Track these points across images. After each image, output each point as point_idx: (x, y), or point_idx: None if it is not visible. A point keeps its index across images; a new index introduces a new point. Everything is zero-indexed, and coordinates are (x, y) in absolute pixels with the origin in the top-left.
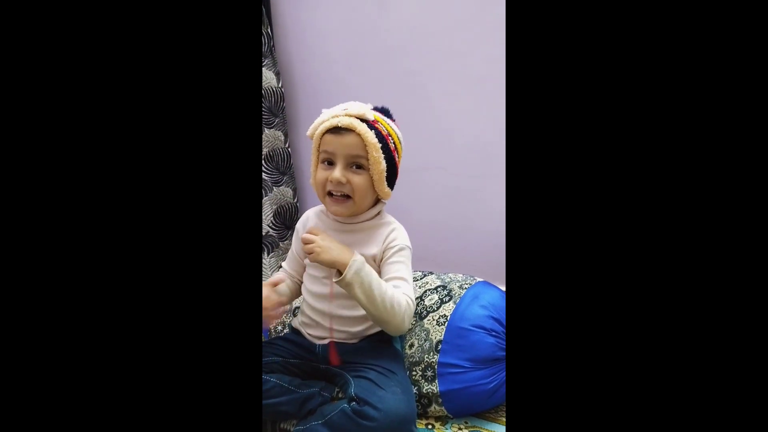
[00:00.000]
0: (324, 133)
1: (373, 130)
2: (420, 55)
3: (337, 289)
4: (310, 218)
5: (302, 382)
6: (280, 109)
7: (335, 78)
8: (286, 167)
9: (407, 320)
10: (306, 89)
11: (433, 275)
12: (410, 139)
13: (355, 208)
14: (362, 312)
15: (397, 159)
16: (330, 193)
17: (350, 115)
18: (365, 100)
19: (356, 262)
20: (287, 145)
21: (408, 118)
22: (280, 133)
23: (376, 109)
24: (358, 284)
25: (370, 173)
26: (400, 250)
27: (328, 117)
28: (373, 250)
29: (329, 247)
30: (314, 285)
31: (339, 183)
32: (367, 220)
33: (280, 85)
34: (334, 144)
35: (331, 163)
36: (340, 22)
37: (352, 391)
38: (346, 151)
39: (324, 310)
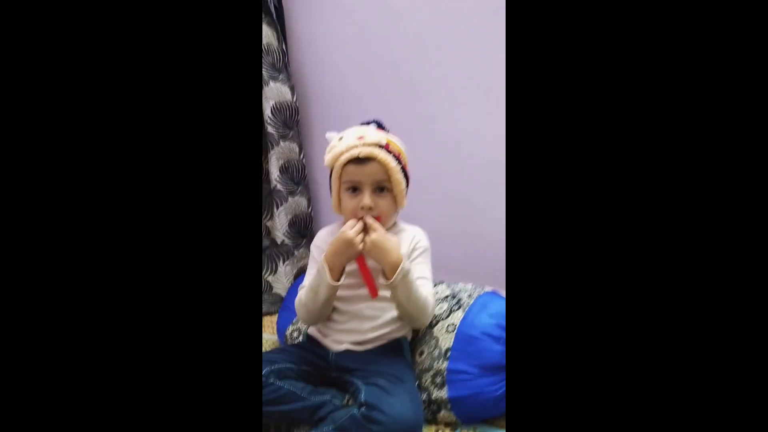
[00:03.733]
0: (345, 164)
1: (390, 155)
2: (429, 65)
3: (363, 290)
4: (326, 239)
5: (314, 389)
6: (294, 122)
7: (347, 89)
8: (300, 178)
9: (431, 316)
10: (319, 101)
11: (444, 284)
12: (420, 147)
13: (384, 226)
14: (385, 315)
15: (408, 172)
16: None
17: (368, 144)
18: (376, 111)
19: (404, 268)
20: (302, 157)
21: (417, 127)
22: (294, 145)
23: (368, 124)
24: (401, 288)
25: (393, 193)
26: (424, 251)
27: (344, 147)
28: (402, 250)
29: (386, 247)
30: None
31: (370, 208)
32: (389, 229)
33: (294, 100)
34: (359, 174)
35: (355, 190)
36: (351, 35)
37: (362, 397)
38: (371, 178)
39: (348, 310)
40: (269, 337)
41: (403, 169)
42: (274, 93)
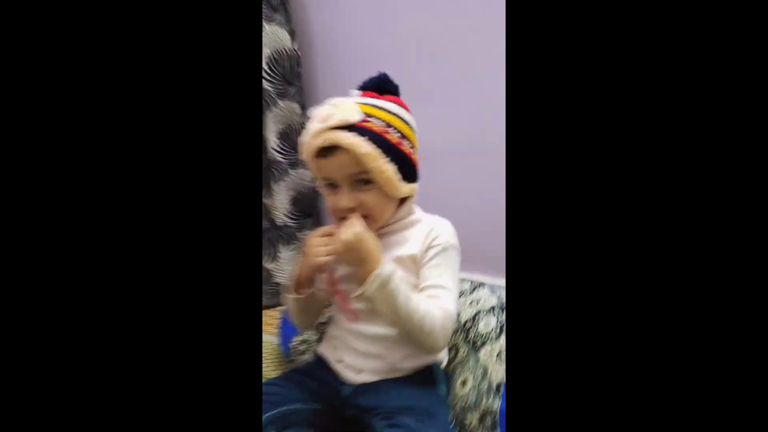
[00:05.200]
0: (314, 157)
1: (366, 135)
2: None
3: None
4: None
5: None
6: (295, 75)
7: (357, 34)
8: None
9: (443, 338)
10: (325, 49)
11: (486, 289)
12: (447, 111)
13: (378, 224)
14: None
15: (407, 149)
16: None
17: (332, 128)
18: (392, 60)
19: (381, 275)
20: (304, 119)
21: (444, 85)
22: (296, 105)
23: (367, 87)
24: (382, 300)
25: (379, 184)
26: (444, 250)
27: (310, 135)
28: (413, 249)
29: (361, 249)
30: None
31: (350, 210)
32: (399, 220)
33: (295, 47)
34: (328, 168)
35: (335, 186)
36: None
37: None
38: (343, 172)
39: (366, 332)
40: (269, 339)
41: (390, 150)
42: (270, 39)
